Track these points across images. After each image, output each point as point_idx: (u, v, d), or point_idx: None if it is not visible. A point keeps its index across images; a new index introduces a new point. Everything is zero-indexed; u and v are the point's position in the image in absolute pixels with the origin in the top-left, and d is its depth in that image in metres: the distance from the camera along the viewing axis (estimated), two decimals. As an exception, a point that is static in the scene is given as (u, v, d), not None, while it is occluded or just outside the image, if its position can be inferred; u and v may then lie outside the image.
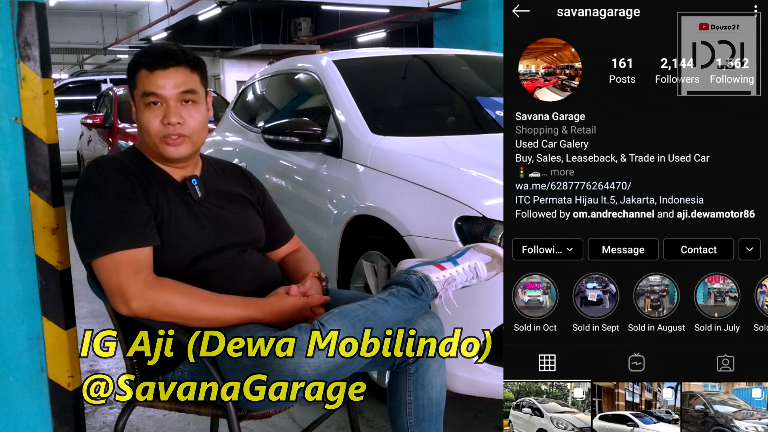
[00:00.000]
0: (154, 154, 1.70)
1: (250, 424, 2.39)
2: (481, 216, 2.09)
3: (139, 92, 1.64)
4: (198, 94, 1.67)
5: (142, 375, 1.73)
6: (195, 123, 1.66)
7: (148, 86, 1.62)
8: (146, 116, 1.64)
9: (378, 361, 1.66)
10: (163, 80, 1.62)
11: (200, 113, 1.67)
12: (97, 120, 7.66)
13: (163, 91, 1.62)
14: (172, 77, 1.63)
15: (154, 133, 1.64)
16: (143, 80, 1.63)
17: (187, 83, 1.64)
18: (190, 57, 1.68)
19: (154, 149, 1.67)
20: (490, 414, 2.48)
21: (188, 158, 1.71)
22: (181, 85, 1.63)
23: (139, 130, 1.69)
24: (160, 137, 1.64)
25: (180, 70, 1.64)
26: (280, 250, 1.92)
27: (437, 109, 3.30)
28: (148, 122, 1.64)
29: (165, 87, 1.62)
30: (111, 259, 1.54)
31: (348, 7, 12.94)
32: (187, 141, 1.66)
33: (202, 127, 1.69)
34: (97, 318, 3.65)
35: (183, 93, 1.64)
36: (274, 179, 3.31)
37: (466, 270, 1.73)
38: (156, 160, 1.71)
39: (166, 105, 1.63)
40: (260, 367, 1.44)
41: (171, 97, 1.62)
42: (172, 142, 1.64)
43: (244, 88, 4.31)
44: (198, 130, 1.67)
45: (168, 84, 1.62)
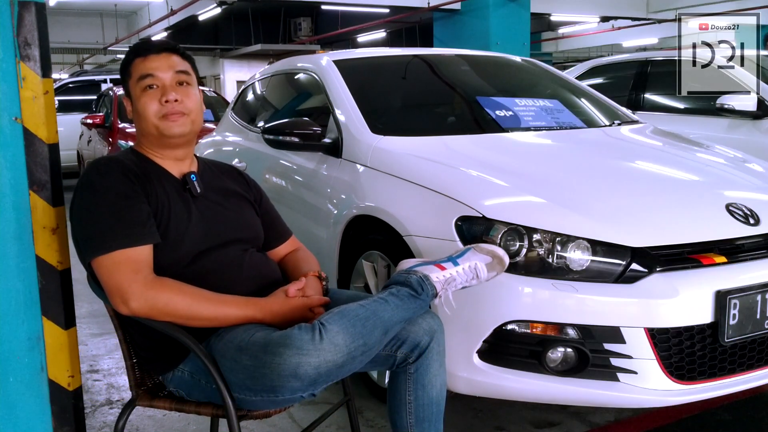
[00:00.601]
0: (153, 144, 1.71)
1: (250, 424, 2.39)
2: (481, 216, 2.09)
3: (134, 79, 1.69)
4: (191, 76, 1.73)
5: (142, 375, 1.73)
6: (192, 103, 1.71)
7: (144, 69, 1.68)
8: (143, 100, 1.67)
9: (378, 361, 1.66)
10: (158, 62, 1.69)
11: (196, 95, 1.73)
12: (97, 120, 7.66)
13: (159, 72, 1.68)
14: (165, 60, 1.70)
15: (153, 114, 1.67)
16: (137, 66, 1.69)
17: (180, 65, 1.71)
18: (180, 48, 1.76)
19: (154, 132, 1.69)
20: (490, 414, 2.48)
21: (187, 139, 1.72)
22: (175, 66, 1.70)
23: (138, 119, 1.71)
24: (159, 116, 1.67)
25: (171, 55, 1.72)
26: (279, 250, 1.92)
27: (437, 109, 3.30)
28: (145, 106, 1.67)
29: (160, 68, 1.68)
30: (110, 259, 1.54)
31: (348, 7, 12.93)
32: (187, 119, 1.70)
33: (199, 108, 1.74)
34: (97, 318, 3.65)
35: (177, 73, 1.69)
36: (274, 179, 3.31)
37: (466, 270, 1.73)
38: (155, 151, 1.72)
39: (163, 86, 1.68)
40: (260, 366, 1.44)
41: (167, 78, 1.68)
42: (173, 118, 1.67)
43: (244, 88, 4.31)
44: (196, 110, 1.72)
45: (162, 65, 1.69)
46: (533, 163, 2.59)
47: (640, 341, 1.96)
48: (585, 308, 1.96)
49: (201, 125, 1.76)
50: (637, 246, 2.02)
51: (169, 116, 1.67)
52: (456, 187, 2.25)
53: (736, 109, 4.55)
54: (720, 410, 2.48)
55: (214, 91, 9.83)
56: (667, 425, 2.40)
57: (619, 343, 1.97)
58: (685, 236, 2.09)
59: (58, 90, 9.79)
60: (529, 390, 2.04)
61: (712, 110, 4.74)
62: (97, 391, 2.78)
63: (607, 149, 2.90)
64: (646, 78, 5.41)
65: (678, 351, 2.00)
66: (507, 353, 2.04)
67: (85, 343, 3.32)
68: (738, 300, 2.00)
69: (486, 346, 2.05)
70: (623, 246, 2.02)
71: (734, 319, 2.01)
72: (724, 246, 2.11)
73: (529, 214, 2.10)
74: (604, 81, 5.85)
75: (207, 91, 9.02)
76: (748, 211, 2.20)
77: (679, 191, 2.38)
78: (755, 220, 2.18)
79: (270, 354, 1.43)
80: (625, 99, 5.29)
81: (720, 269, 2.06)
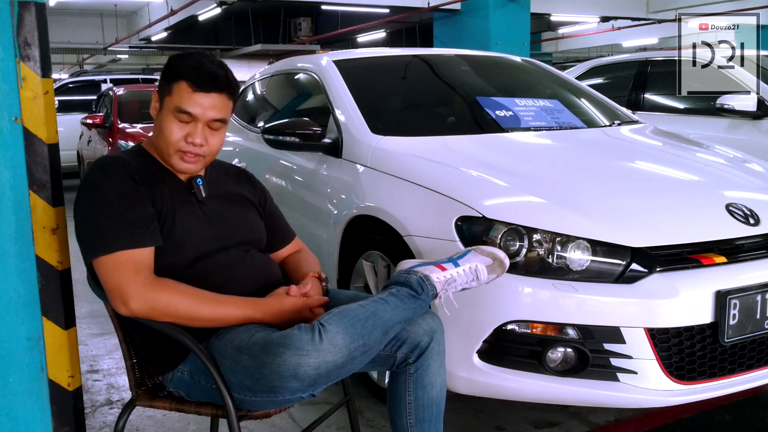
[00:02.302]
0: (163, 158, 1.70)
1: (250, 424, 2.39)
2: (481, 216, 2.09)
3: (173, 103, 1.63)
4: (225, 125, 1.70)
5: (142, 375, 1.73)
6: (214, 147, 1.69)
7: (186, 104, 1.62)
8: (171, 127, 1.64)
9: (378, 362, 1.66)
10: (204, 103, 1.63)
11: (221, 138, 1.70)
12: (97, 120, 7.65)
13: (199, 113, 1.63)
14: (210, 101, 1.63)
15: (172, 144, 1.65)
16: (182, 95, 1.62)
17: (221, 111, 1.66)
18: (233, 85, 1.68)
19: (167, 158, 1.68)
20: (490, 414, 2.48)
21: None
22: (217, 112, 1.64)
23: (157, 133, 1.69)
24: (176, 150, 1.65)
25: (220, 96, 1.65)
26: (282, 251, 1.92)
27: (437, 109, 3.30)
28: (171, 132, 1.64)
29: (203, 107, 1.63)
30: (111, 260, 1.54)
31: (348, 7, 12.92)
32: (201, 161, 1.69)
33: (218, 150, 1.72)
34: (97, 318, 3.65)
35: (214, 120, 1.65)
36: (274, 179, 3.31)
37: (466, 272, 1.73)
38: (163, 161, 1.71)
39: (195, 125, 1.64)
40: (260, 367, 1.44)
41: (202, 119, 1.64)
42: (188, 159, 1.66)
43: (244, 88, 4.30)
44: (214, 153, 1.71)
45: (206, 107, 1.63)
46: (533, 163, 2.59)
47: (640, 341, 1.96)
48: (585, 308, 1.96)
49: (213, 160, 1.76)
50: (637, 246, 2.02)
51: (185, 156, 1.65)
52: (456, 187, 2.25)
53: (736, 109, 4.55)
54: (720, 410, 2.48)
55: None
56: (667, 425, 2.40)
57: (619, 343, 1.97)
58: (685, 236, 2.09)
59: (58, 90, 9.79)
60: (529, 390, 2.04)
61: (712, 110, 4.74)
62: (97, 391, 2.78)
63: (607, 149, 2.90)
64: (646, 78, 5.41)
65: (678, 351, 2.00)
66: (507, 353, 2.04)
67: (85, 343, 3.32)
68: (738, 300, 2.00)
69: (486, 346, 2.05)
70: (623, 246, 2.02)
71: (734, 319, 2.01)
72: (724, 246, 2.11)
73: (529, 214, 2.10)
74: (604, 81, 5.85)
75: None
76: (748, 211, 2.20)
77: (679, 191, 2.38)
78: (755, 220, 2.18)
79: (270, 354, 1.43)
80: (625, 99, 5.29)
81: (720, 269, 2.06)
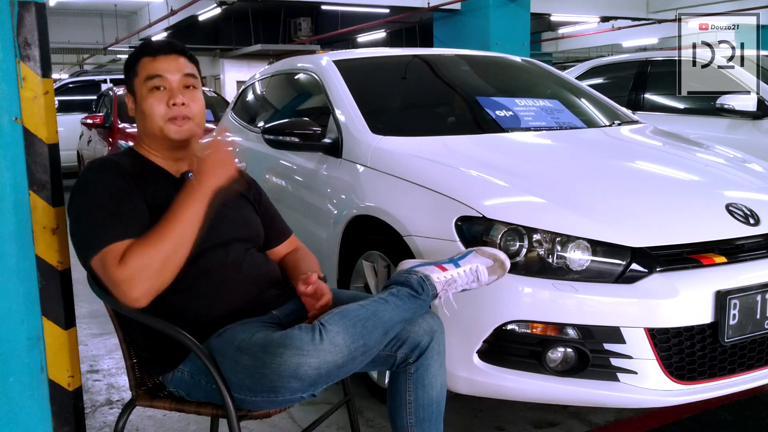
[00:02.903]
0: (154, 144, 1.71)
1: (250, 424, 2.39)
2: (481, 216, 2.09)
3: (141, 78, 1.69)
4: (197, 80, 1.74)
5: (142, 375, 1.73)
6: (197, 107, 1.71)
7: (152, 69, 1.68)
8: (150, 101, 1.67)
9: (378, 361, 1.66)
10: (167, 64, 1.69)
11: (201, 98, 1.74)
12: (97, 120, 7.66)
13: (167, 73, 1.68)
14: (174, 61, 1.70)
15: (159, 116, 1.67)
16: (146, 66, 1.69)
17: (187, 67, 1.72)
18: (187, 50, 1.76)
19: (158, 134, 1.68)
20: (490, 414, 2.48)
21: (189, 141, 1.72)
22: (183, 68, 1.70)
23: (141, 118, 1.70)
24: (165, 119, 1.67)
25: (179, 57, 1.72)
26: (279, 249, 1.92)
27: (437, 109, 3.30)
28: (152, 107, 1.67)
29: (169, 70, 1.69)
30: (105, 254, 1.51)
31: (348, 7, 12.92)
32: (191, 122, 1.70)
33: (203, 112, 1.75)
34: (97, 318, 3.65)
35: (185, 76, 1.70)
36: (274, 179, 3.31)
37: (467, 272, 1.73)
38: (155, 151, 1.72)
39: (170, 88, 1.68)
40: (260, 367, 1.44)
41: (175, 80, 1.69)
42: (178, 123, 1.68)
43: (244, 88, 4.31)
44: (200, 114, 1.73)
45: (171, 67, 1.69)
46: (533, 163, 2.59)
47: (640, 341, 1.96)
48: (585, 308, 1.96)
49: (204, 127, 1.76)
50: (637, 246, 2.02)
51: (175, 120, 1.67)
52: (456, 187, 2.25)
53: (736, 109, 4.55)
54: (720, 410, 2.48)
55: (214, 92, 9.83)
56: (667, 425, 2.40)
57: (619, 343, 1.97)
58: (685, 236, 2.09)
59: (58, 90, 9.79)
60: (529, 390, 2.04)
61: (712, 110, 4.74)
62: (97, 391, 2.78)
63: (607, 149, 2.90)
64: (646, 78, 5.41)
65: (678, 351, 2.00)
66: (507, 353, 2.04)
67: (85, 343, 3.32)
68: (738, 300, 2.00)
69: (486, 346, 2.05)
70: (623, 246, 2.02)
71: (734, 319, 2.01)
72: (724, 246, 2.11)
73: (529, 214, 2.10)
74: (604, 81, 5.85)
75: (207, 91, 9.01)
76: (748, 211, 2.20)
77: (679, 191, 2.38)
78: (755, 220, 2.18)
79: (270, 354, 1.43)
80: (625, 99, 5.29)
81: (720, 269, 2.06)
